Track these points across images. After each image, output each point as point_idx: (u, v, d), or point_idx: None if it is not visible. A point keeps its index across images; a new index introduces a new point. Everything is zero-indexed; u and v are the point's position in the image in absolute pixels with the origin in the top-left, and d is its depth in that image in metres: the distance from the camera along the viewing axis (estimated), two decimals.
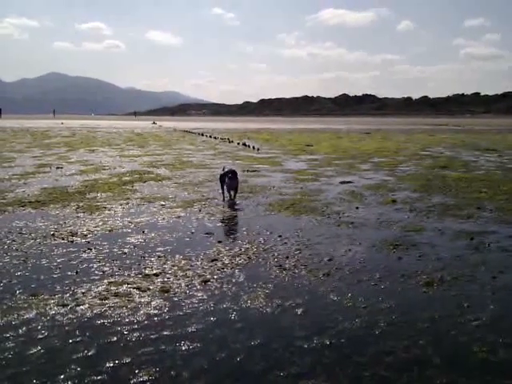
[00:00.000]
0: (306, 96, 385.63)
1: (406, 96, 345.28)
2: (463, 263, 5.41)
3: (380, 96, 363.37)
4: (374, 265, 5.32)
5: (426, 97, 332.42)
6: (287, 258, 5.56)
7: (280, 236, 6.49)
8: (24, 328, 3.71)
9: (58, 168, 13.92)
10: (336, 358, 3.34)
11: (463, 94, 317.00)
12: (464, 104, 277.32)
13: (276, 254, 5.68)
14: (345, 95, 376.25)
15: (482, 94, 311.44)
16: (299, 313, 4.06)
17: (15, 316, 3.91)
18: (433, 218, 7.71)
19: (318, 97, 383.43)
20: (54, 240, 6.21)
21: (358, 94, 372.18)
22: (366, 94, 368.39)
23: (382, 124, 75.46)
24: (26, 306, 4.13)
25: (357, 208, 8.43)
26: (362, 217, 7.73)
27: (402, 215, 7.88)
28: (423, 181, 11.75)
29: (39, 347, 3.42)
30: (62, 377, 3.07)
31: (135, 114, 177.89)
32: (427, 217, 7.77)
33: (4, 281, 4.71)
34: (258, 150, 21.38)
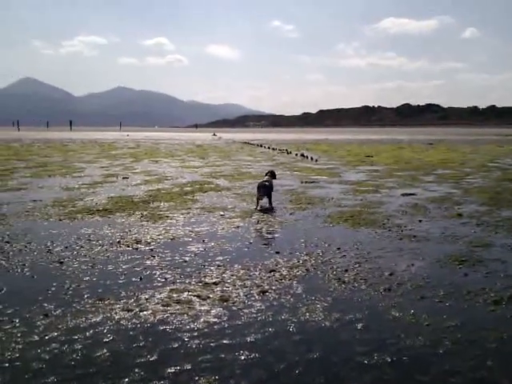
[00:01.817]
0: (367, 106, 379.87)
1: (471, 105, 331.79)
2: None
3: (444, 105, 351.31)
4: (438, 281, 5.12)
5: (493, 106, 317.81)
6: (346, 271, 5.47)
7: (339, 248, 6.40)
8: (91, 331, 3.88)
9: (123, 178, 14.51)
10: (397, 376, 3.25)
11: None
12: None
13: (335, 267, 5.61)
14: (407, 105, 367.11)
15: None
16: (359, 327, 3.98)
17: (83, 319, 4.11)
18: (502, 233, 7.33)
19: (379, 107, 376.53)
20: (120, 247, 6.47)
21: (420, 104, 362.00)
22: (430, 104, 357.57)
23: (447, 134, 72.88)
24: (93, 309, 4.32)
25: (420, 221, 8.17)
26: (425, 230, 7.48)
27: (468, 229, 7.55)
28: (491, 194, 11.21)
29: (105, 350, 3.57)
30: (126, 380, 3.19)
31: (196, 126, 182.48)
32: (495, 232, 7.40)
33: (73, 285, 4.97)
34: (317, 160, 21.27)
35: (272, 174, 10.29)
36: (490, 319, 4.17)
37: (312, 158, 22.16)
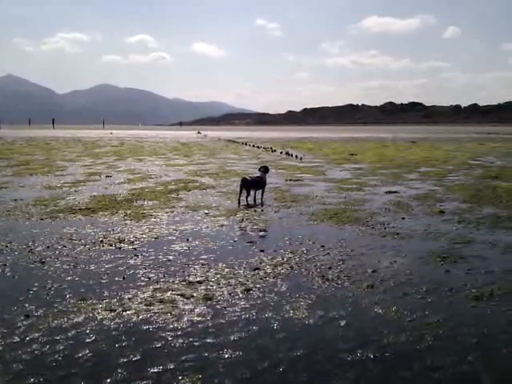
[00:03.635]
0: (351, 104, 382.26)
1: (454, 104, 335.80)
2: None
3: (427, 104, 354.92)
4: (420, 277, 5.18)
5: (475, 104, 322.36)
6: (330, 268, 5.50)
7: (323, 246, 6.43)
8: (73, 331, 3.84)
9: (107, 176, 14.39)
10: (380, 372, 3.27)
11: None
12: None
13: (319, 265, 5.63)
14: (391, 103, 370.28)
15: None
16: (342, 324, 4.00)
17: (65, 320, 4.06)
18: (483, 229, 7.44)
19: (363, 105, 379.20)
20: (103, 246, 6.41)
21: (404, 102, 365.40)
22: (413, 102, 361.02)
23: (430, 132, 73.71)
24: (75, 309, 4.28)
25: (403, 219, 8.25)
26: (408, 228, 7.56)
27: (450, 226, 7.64)
28: (473, 191, 11.37)
29: (87, 350, 3.53)
30: (108, 380, 3.16)
31: (181, 124, 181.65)
32: (477, 228, 7.50)
33: (55, 285, 4.91)
34: (301, 159, 21.34)
35: (265, 169, 10.37)
36: (471, 315, 4.23)
37: (297, 156, 22.22)
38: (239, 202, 9.68)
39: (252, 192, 9.92)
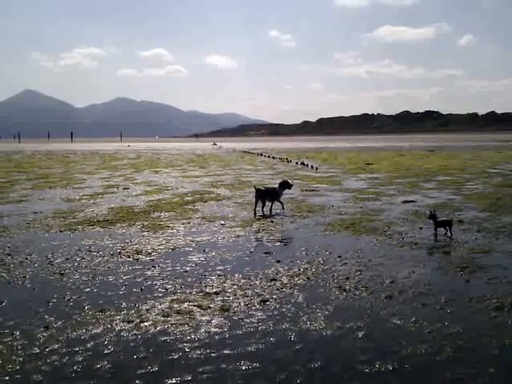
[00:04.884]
0: (366, 114, 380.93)
1: (471, 112, 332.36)
2: None
3: (444, 112, 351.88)
4: (439, 288, 5.11)
5: (493, 112, 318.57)
6: (347, 279, 5.46)
7: (340, 256, 6.40)
8: (92, 343, 3.87)
9: (124, 189, 14.54)
10: None
11: None
12: None
13: (336, 275, 5.60)
14: (406, 112, 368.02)
15: None
16: (360, 336, 3.97)
17: (84, 331, 4.10)
18: (503, 239, 7.32)
19: (379, 114, 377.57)
20: (121, 258, 6.47)
21: (420, 111, 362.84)
22: (429, 111, 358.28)
23: (447, 141, 73.01)
24: (93, 321, 4.32)
25: (420, 228, 8.17)
26: (426, 237, 7.48)
27: (469, 236, 7.54)
28: (492, 200, 11.20)
29: (106, 362, 3.56)
30: None
31: (196, 136, 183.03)
32: (496, 238, 7.39)
33: (74, 297, 4.96)
34: (317, 169, 21.30)
35: (281, 185, 10.26)
36: (491, 326, 4.16)
37: (312, 167, 22.19)
38: (255, 213, 9.69)
39: (269, 203, 9.93)
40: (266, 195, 9.89)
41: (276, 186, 10.41)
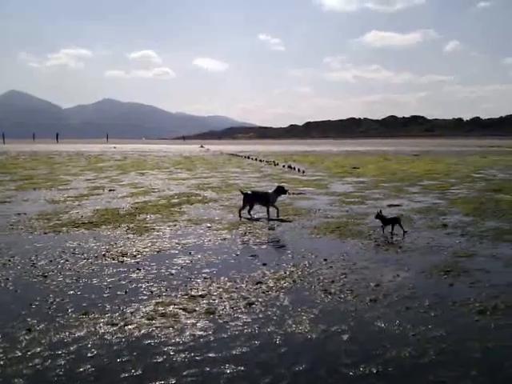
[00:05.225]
0: (353, 118, 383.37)
1: (456, 117, 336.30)
2: None
3: (429, 117, 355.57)
4: (423, 291, 5.16)
5: (477, 118, 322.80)
6: (333, 282, 5.48)
7: (325, 259, 6.42)
8: (75, 346, 3.83)
9: (110, 190, 14.43)
10: None
11: None
12: None
13: (321, 278, 5.62)
14: (392, 117, 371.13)
15: None
16: (345, 339, 3.98)
17: (67, 334, 4.06)
18: (486, 243, 7.42)
19: (365, 119, 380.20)
20: (105, 260, 6.41)
21: (406, 116, 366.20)
22: (415, 116, 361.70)
23: (432, 146, 73.79)
24: (77, 324, 4.27)
25: (405, 232, 8.23)
26: (410, 241, 7.54)
27: (453, 240, 7.62)
28: (476, 204, 11.34)
29: (89, 365, 3.52)
30: None
31: (184, 138, 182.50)
32: (480, 242, 7.48)
33: (57, 299, 4.90)
34: (304, 172, 21.37)
35: (277, 190, 10.12)
36: (474, 329, 4.20)
37: (299, 170, 22.26)
38: (240, 215, 9.72)
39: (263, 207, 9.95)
40: (254, 199, 9.89)
41: (269, 190, 10.32)
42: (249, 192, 10.21)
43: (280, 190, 10.17)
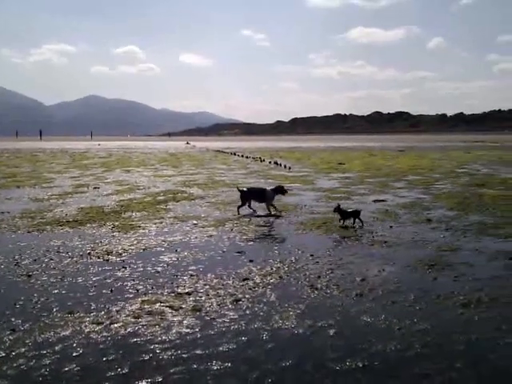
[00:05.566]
0: (338, 114, 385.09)
1: (440, 113, 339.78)
2: (502, 284, 5.24)
3: (414, 113, 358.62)
4: (408, 285, 5.21)
5: (461, 113, 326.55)
6: (319, 277, 5.51)
7: (312, 255, 6.45)
8: (60, 345, 3.79)
9: (94, 188, 14.30)
10: (369, 381, 3.28)
11: (500, 110, 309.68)
12: (501, 120, 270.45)
13: (308, 274, 5.64)
14: (377, 113, 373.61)
15: None
16: (331, 334, 4.01)
17: (52, 333, 4.01)
18: (470, 237, 7.51)
19: (351, 115, 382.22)
20: (90, 259, 6.36)
21: (391, 112, 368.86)
22: (400, 112, 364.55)
23: (417, 141, 74.45)
24: (62, 323, 4.23)
25: (390, 227, 8.30)
26: (395, 236, 7.61)
27: (437, 234, 7.70)
28: (459, 199, 11.48)
29: (74, 364, 3.49)
30: None
31: (169, 134, 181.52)
32: (464, 236, 7.57)
33: (42, 299, 4.85)
34: (290, 168, 21.41)
35: (276, 189, 10.11)
36: (458, 322, 4.26)
37: (285, 166, 22.30)
38: (238, 212, 9.77)
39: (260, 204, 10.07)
40: (251, 196, 9.92)
41: (268, 187, 10.37)
42: (245, 189, 10.24)
43: (279, 190, 10.12)
